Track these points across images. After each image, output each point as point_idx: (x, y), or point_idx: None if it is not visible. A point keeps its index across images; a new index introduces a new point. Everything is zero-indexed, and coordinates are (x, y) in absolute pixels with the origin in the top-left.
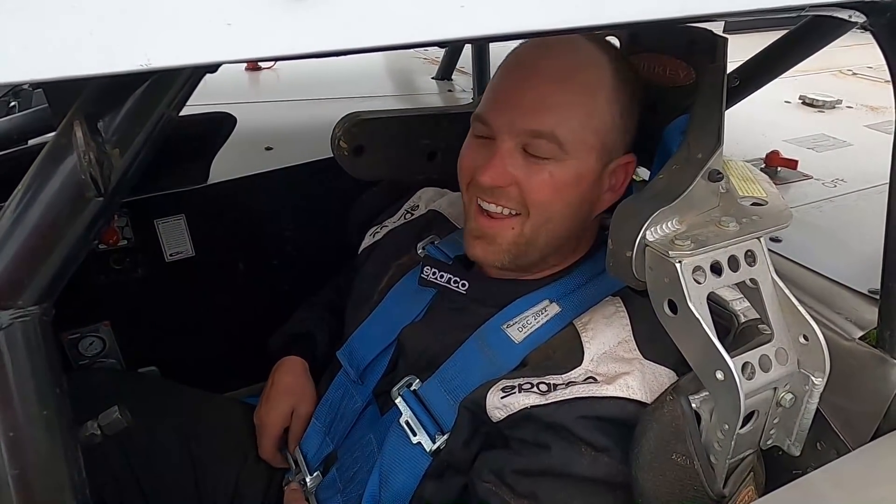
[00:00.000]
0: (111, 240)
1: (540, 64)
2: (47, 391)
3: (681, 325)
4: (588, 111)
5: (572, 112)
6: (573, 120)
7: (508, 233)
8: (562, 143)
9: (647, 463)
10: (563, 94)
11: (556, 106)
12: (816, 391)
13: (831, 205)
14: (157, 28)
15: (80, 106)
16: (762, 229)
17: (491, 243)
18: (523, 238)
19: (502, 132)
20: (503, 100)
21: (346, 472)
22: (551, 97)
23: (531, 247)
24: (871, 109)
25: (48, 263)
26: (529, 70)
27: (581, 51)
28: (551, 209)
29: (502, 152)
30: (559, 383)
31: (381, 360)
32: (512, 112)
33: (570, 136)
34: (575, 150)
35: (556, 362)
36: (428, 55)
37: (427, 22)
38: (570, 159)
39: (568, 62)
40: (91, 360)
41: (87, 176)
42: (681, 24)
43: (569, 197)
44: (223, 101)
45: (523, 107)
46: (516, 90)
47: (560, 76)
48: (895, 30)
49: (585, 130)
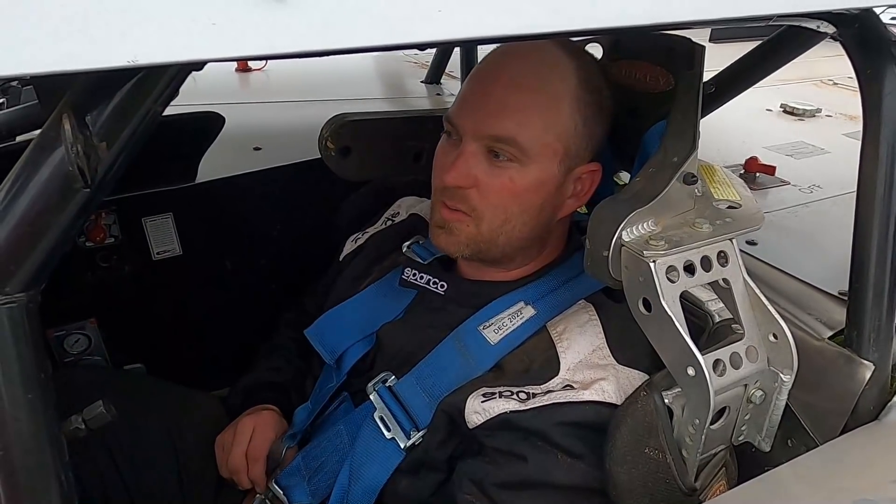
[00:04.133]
0: (98, 237)
1: (505, 69)
2: (32, 375)
3: (655, 323)
4: (550, 117)
5: (534, 117)
6: (535, 125)
7: (466, 228)
8: (523, 148)
9: (620, 457)
10: (526, 99)
11: (518, 111)
12: (785, 388)
13: (807, 210)
14: (144, 26)
15: (68, 100)
16: (734, 231)
17: (450, 234)
18: (481, 237)
19: (467, 135)
20: (468, 103)
21: (313, 462)
22: (514, 102)
23: (491, 245)
24: (849, 118)
25: (36, 252)
26: (494, 75)
27: (547, 57)
28: (508, 212)
29: (466, 154)
30: (538, 392)
31: (357, 350)
32: (475, 115)
33: (532, 141)
34: (537, 155)
35: (535, 373)
36: (418, 59)
37: (405, 25)
38: (531, 164)
39: (532, 68)
40: (76, 357)
41: (74, 168)
42: (653, 32)
43: (528, 201)
44: (213, 101)
45: (486, 111)
46: (481, 94)
47: (523, 82)
48: (863, 40)
49: (548, 135)
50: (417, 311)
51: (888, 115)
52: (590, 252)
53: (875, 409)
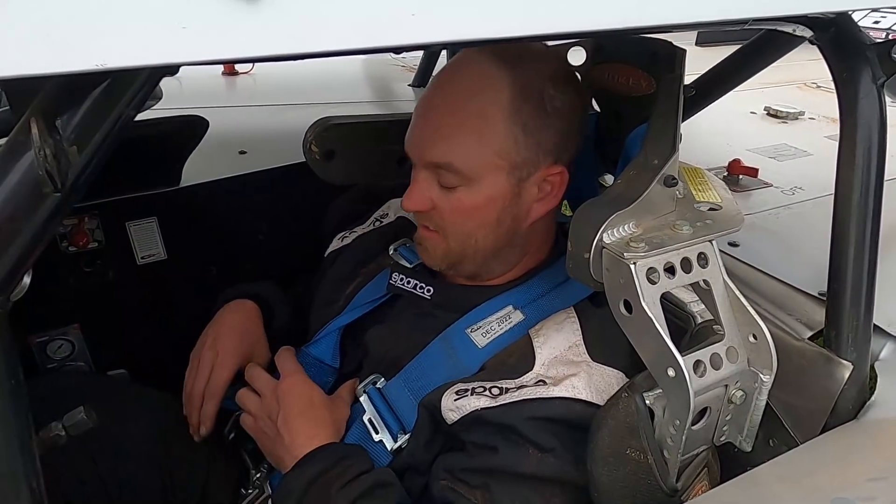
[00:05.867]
0: (81, 242)
1: (438, 92)
2: (2, 382)
3: (635, 324)
4: (484, 135)
5: (466, 139)
6: (468, 146)
7: (439, 245)
8: (462, 172)
9: (602, 458)
10: (455, 122)
11: (449, 137)
12: (765, 388)
13: (788, 211)
14: (113, 30)
15: (37, 104)
16: (714, 232)
17: (426, 252)
18: (452, 253)
19: (416, 162)
20: (413, 131)
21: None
22: (445, 128)
23: (465, 258)
24: (832, 121)
25: (6, 257)
26: (430, 100)
27: (475, 75)
28: (466, 229)
29: (419, 181)
30: (511, 387)
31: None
32: (416, 144)
33: (469, 163)
34: (479, 174)
35: (510, 367)
36: (406, 63)
37: (378, 28)
38: (477, 184)
39: (460, 90)
40: (59, 363)
41: (43, 172)
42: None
43: (483, 217)
44: (199, 104)
45: (424, 138)
46: (422, 122)
47: (451, 106)
48: (839, 44)
49: (485, 153)
50: (404, 316)
51: (864, 118)
52: (571, 254)
53: (854, 408)
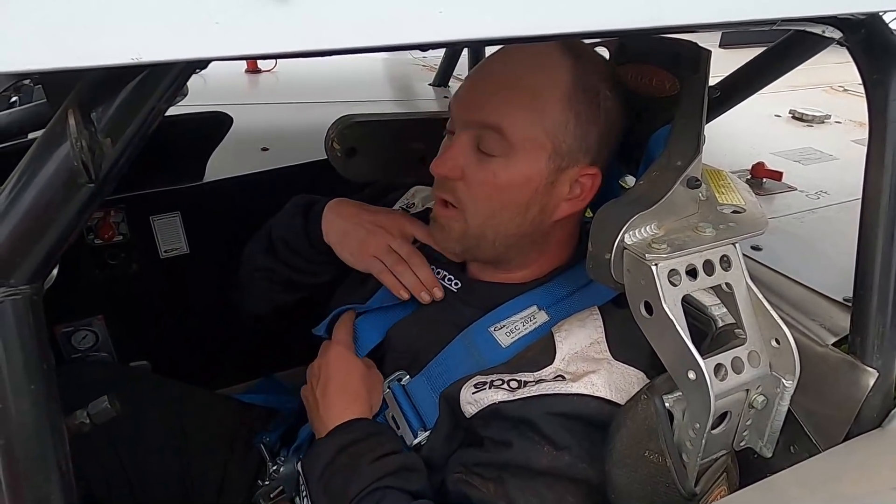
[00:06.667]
0: (107, 235)
1: (498, 62)
2: (35, 366)
3: (656, 326)
4: (538, 111)
5: (520, 110)
6: (521, 117)
7: (456, 224)
8: (508, 139)
9: (620, 459)
10: (512, 91)
11: (505, 102)
12: (787, 393)
13: (813, 216)
14: (147, 25)
15: (74, 97)
16: (737, 235)
17: (442, 230)
18: (470, 234)
19: (458, 123)
20: (463, 92)
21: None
22: (502, 93)
23: (481, 240)
24: (858, 125)
25: (40, 245)
26: (489, 68)
27: (541, 54)
28: (491, 208)
29: (456, 144)
30: (530, 381)
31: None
32: (467, 102)
33: (518, 132)
34: (523, 148)
35: (530, 360)
36: (426, 62)
37: (406, 25)
38: (517, 158)
39: (523, 63)
40: (84, 353)
41: (79, 163)
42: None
43: (512, 197)
44: (223, 101)
45: (475, 98)
46: (472, 83)
47: (513, 75)
48: (870, 46)
49: (534, 128)
50: (426, 308)
51: (893, 120)
52: (592, 255)
53: (878, 416)
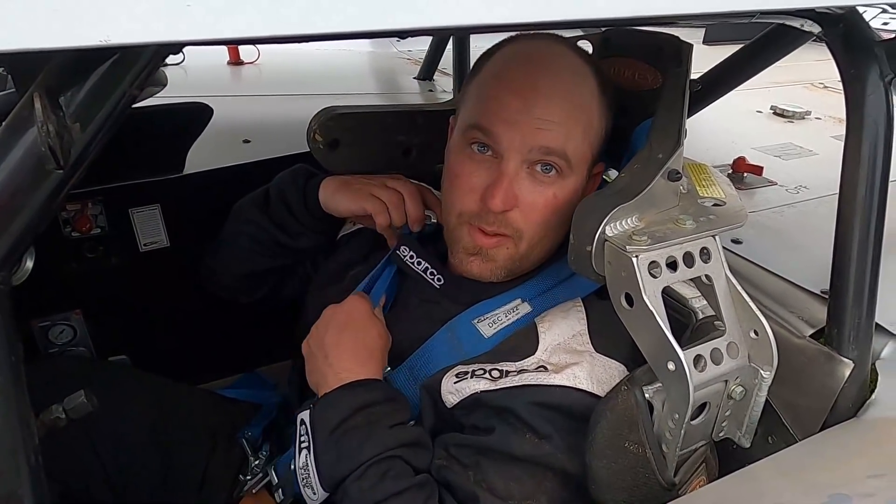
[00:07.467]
0: (84, 228)
1: (538, 78)
2: (3, 358)
3: (636, 318)
4: (586, 125)
5: (577, 128)
6: (577, 135)
7: (505, 252)
8: (570, 160)
9: (600, 450)
10: (567, 110)
11: (562, 123)
12: (765, 384)
13: (793, 210)
14: (118, 5)
15: (42, 80)
16: (717, 228)
17: (488, 260)
18: (518, 255)
19: (512, 150)
20: (509, 115)
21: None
22: (559, 114)
23: (524, 261)
24: (838, 121)
25: (8, 233)
26: (530, 84)
27: (572, 64)
28: (546, 227)
29: (511, 176)
30: (511, 370)
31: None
32: (522, 128)
33: (576, 151)
34: (578, 165)
35: (512, 349)
36: (411, 55)
37: (384, 10)
38: (572, 176)
39: (563, 77)
40: (61, 348)
41: (46, 148)
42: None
43: (565, 213)
44: (204, 93)
45: (533, 124)
46: (527, 103)
47: (562, 92)
48: (847, 40)
49: (585, 144)
50: (411, 302)
51: (871, 116)
52: (574, 247)
53: (854, 406)
